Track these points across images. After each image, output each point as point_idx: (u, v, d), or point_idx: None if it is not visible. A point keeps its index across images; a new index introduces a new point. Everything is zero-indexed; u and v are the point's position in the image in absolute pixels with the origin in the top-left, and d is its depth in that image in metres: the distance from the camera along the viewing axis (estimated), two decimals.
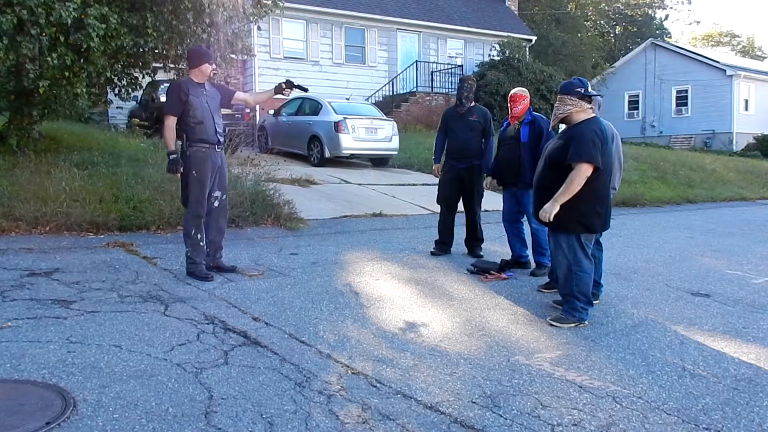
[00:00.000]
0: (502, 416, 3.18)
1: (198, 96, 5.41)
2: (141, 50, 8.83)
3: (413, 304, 5.09)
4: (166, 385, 3.29)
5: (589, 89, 4.77)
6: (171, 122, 5.34)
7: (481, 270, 6.17)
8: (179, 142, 5.39)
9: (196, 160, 5.39)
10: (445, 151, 7.13)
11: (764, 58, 55.75)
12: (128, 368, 3.48)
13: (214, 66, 5.60)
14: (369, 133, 13.70)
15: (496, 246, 7.62)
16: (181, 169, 5.37)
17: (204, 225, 5.58)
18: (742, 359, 4.13)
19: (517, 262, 6.51)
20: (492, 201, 11.15)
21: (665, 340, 4.45)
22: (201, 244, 5.52)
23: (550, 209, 4.55)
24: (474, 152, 6.89)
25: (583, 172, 4.48)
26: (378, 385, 3.48)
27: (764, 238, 9.40)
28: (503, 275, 6.08)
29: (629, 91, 31.58)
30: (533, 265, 6.48)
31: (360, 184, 11.64)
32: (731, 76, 28.47)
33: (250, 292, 5.13)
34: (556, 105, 4.83)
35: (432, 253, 7.04)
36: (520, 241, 6.55)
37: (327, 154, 13.59)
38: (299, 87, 6.05)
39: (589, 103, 4.72)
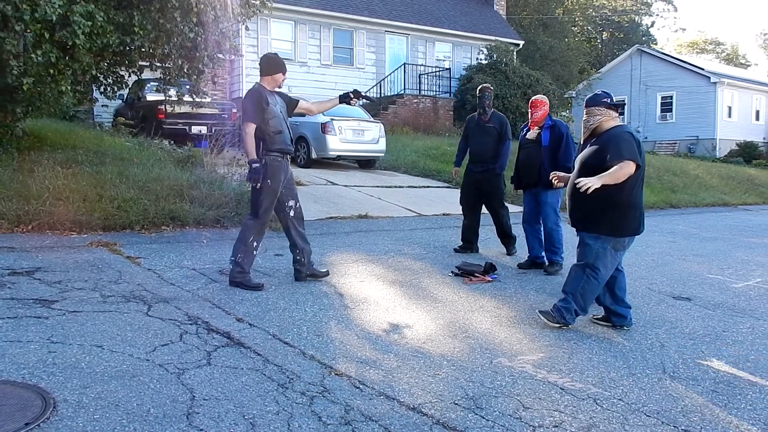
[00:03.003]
0: (484, 418, 3.19)
1: (275, 105, 5.37)
2: (127, 48, 8.78)
3: (397, 306, 5.10)
4: (147, 386, 3.27)
5: (614, 99, 4.77)
6: (251, 129, 5.23)
7: (466, 272, 6.19)
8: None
9: (272, 169, 5.31)
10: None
11: (748, 65, 56.45)
12: (110, 369, 3.46)
13: (285, 76, 5.54)
14: (356, 134, 13.71)
15: (481, 248, 7.65)
16: (261, 178, 5.28)
17: (287, 237, 5.64)
18: (721, 362, 4.18)
19: (534, 262, 6.80)
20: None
21: (646, 343, 4.50)
22: (254, 252, 5.45)
23: (593, 182, 4.34)
24: (489, 157, 7.26)
25: (628, 167, 4.40)
26: (361, 386, 3.49)
27: (745, 243, 9.51)
28: (487, 278, 6.11)
29: (615, 96, 31.60)
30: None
31: (346, 186, 11.64)
32: (715, 83, 28.79)
33: (234, 292, 5.12)
34: (584, 118, 4.81)
35: (455, 251, 7.42)
36: (539, 243, 6.80)
37: (313, 156, 13.57)
38: (366, 97, 6.01)
39: (616, 111, 4.75)
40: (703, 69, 30.12)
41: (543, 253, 6.79)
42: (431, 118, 21.02)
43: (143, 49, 9.05)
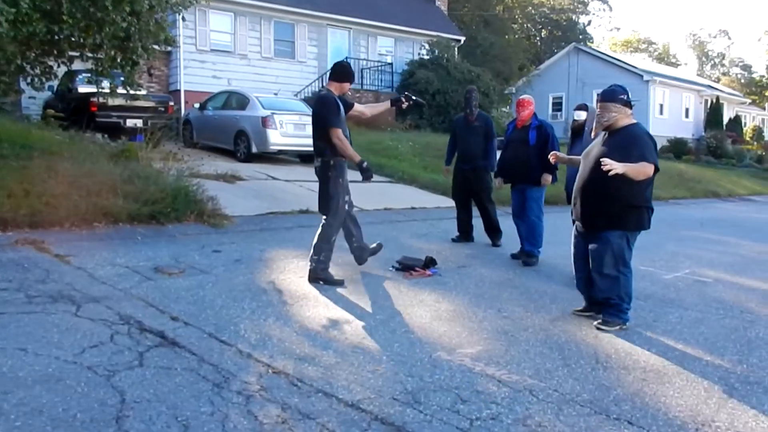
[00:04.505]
0: (422, 412, 3.20)
1: (342, 111, 5.64)
2: (56, 37, 8.44)
3: (338, 301, 5.07)
4: (74, 390, 3.14)
5: (630, 95, 4.76)
6: (341, 134, 5.51)
7: (406, 267, 6.21)
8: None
9: (342, 168, 5.65)
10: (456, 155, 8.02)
11: (678, 65, 58.70)
12: (34, 373, 3.30)
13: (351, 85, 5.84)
14: (297, 129, 13.54)
15: (422, 243, 7.70)
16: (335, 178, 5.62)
17: (343, 228, 5.91)
18: (651, 351, 4.32)
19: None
20: (423, 199, 11.26)
21: (581, 334, 4.60)
22: (333, 248, 5.75)
23: (618, 167, 4.27)
24: (477, 155, 7.71)
25: (649, 169, 4.45)
26: (299, 384, 3.44)
27: (675, 236, 9.88)
28: (427, 272, 6.14)
29: (553, 93, 32.50)
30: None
31: (287, 181, 11.51)
32: (648, 81, 29.78)
33: (169, 290, 4.97)
34: (598, 113, 4.74)
35: (453, 241, 7.95)
36: None
37: (254, 150, 13.36)
38: (417, 101, 6.34)
39: (630, 109, 4.72)
40: (636, 67, 31.11)
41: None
42: None
43: (73, 39, 8.71)
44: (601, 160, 4.41)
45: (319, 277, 5.59)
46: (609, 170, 4.29)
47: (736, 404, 3.50)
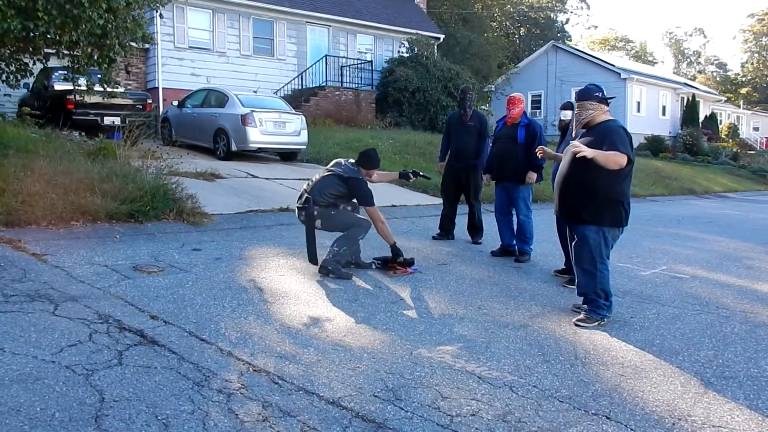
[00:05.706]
0: (403, 409, 3.21)
1: None
2: (31, 34, 8.30)
3: (318, 300, 5.07)
4: (53, 389, 3.11)
5: (605, 93, 4.85)
6: (380, 214, 5.94)
7: (387, 264, 6.21)
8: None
9: (324, 208, 5.82)
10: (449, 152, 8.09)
11: (655, 63, 59.41)
12: (11, 372, 3.26)
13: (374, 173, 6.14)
14: (277, 126, 13.50)
15: (403, 240, 7.68)
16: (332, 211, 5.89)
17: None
18: (629, 347, 4.38)
19: (505, 250, 7.30)
20: (403, 197, 11.27)
21: (560, 331, 4.65)
22: (355, 248, 6.06)
23: (587, 151, 4.37)
24: (470, 153, 7.79)
25: (621, 158, 4.48)
26: (280, 381, 3.44)
27: (652, 233, 10.01)
28: (409, 269, 6.16)
29: (532, 90, 32.73)
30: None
31: (267, 179, 11.47)
32: (625, 79, 30.09)
33: (149, 289, 4.94)
34: (576, 112, 4.88)
35: (434, 238, 8.02)
36: (510, 232, 7.35)
37: (234, 148, 13.27)
38: (424, 176, 6.81)
39: (607, 105, 4.81)
40: (614, 65, 31.44)
41: (514, 242, 7.26)
42: (353, 110, 20.97)
43: (48, 36, 8.57)
44: (571, 143, 4.53)
45: (329, 267, 5.73)
46: (576, 153, 4.41)
47: (711, 398, 3.56)
